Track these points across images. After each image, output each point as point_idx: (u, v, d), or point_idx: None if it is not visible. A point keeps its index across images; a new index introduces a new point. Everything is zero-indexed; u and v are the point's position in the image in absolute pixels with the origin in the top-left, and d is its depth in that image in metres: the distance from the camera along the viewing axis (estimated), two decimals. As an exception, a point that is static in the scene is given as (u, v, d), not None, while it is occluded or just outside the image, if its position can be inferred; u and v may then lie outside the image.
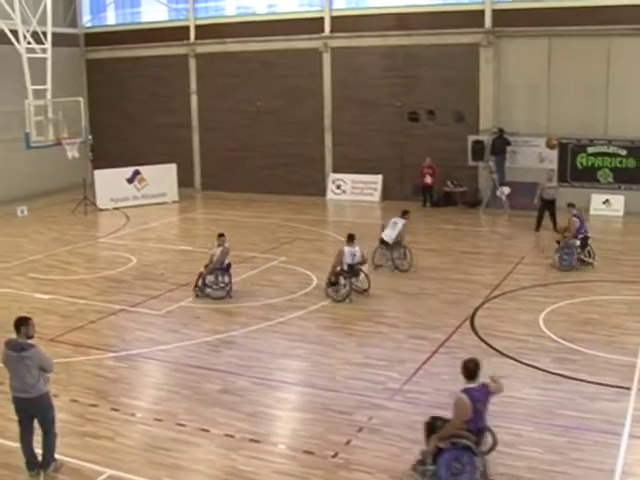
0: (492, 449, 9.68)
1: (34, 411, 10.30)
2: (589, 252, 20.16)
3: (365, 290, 18.10)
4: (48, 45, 28.78)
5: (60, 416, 11.93)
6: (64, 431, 11.43)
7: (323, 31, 31.46)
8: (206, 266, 18.32)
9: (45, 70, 28.66)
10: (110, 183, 30.93)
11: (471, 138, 28.95)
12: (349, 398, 12.38)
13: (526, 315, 16.37)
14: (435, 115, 30.05)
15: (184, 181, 33.02)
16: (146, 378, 14.03)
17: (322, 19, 31.45)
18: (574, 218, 20.18)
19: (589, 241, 20.24)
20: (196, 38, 34.33)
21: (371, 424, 11.45)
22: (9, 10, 27.57)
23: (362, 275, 18.19)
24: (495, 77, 28.70)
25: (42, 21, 28.85)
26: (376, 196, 30.75)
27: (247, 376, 13.45)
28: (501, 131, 28.29)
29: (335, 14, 31.34)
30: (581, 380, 12.84)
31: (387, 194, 30.79)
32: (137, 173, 31.66)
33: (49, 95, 28.59)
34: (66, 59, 34.48)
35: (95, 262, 22.45)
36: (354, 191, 31.28)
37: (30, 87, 27.84)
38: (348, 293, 17.68)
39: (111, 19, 36.94)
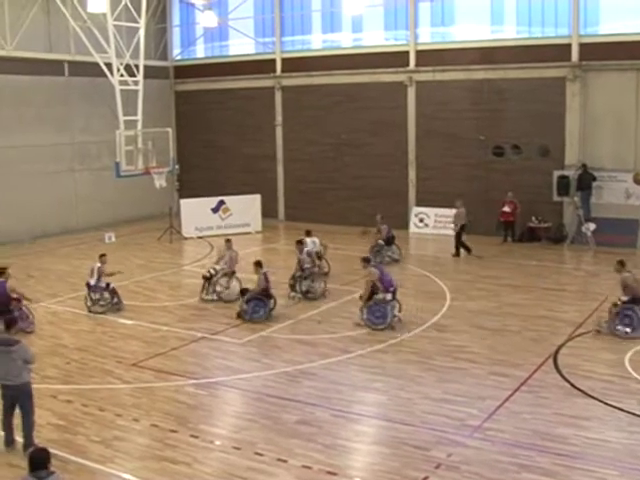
0: None
1: (16, 397, 11.67)
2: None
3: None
4: (140, 77, 29.62)
5: (140, 440, 12.21)
6: (144, 455, 11.65)
7: (408, 65, 31.55)
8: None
9: (136, 101, 29.51)
10: (195, 212, 31.53)
11: (556, 173, 28.48)
12: (427, 433, 12.25)
13: (611, 355, 15.95)
14: (520, 149, 29.75)
15: (268, 212, 33.44)
16: (225, 406, 14.14)
17: (407, 53, 31.55)
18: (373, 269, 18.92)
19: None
20: (282, 71, 34.85)
21: (449, 461, 11.28)
22: (104, 44, 28.51)
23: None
24: (581, 111, 28.28)
25: (135, 54, 29.75)
26: (459, 230, 30.48)
27: (325, 408, 13.44)
28: (585, 166, 27.79)
29: (420, 48, 31.41)
30: (669, 424, 12.42)
31: (470, 228, 30.48)
32: (222, 203, 32.18)
33: (139, 126, 29.39)
34: (156, 91, 35.44)
35: (178, 290, 22.83)
36: (437, 225, 31.07)
37: (122, 118, 28.66)
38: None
39: (200, 52, 37.84)
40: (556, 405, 13.28)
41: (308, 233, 23.95)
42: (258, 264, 19.58)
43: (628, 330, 17.04)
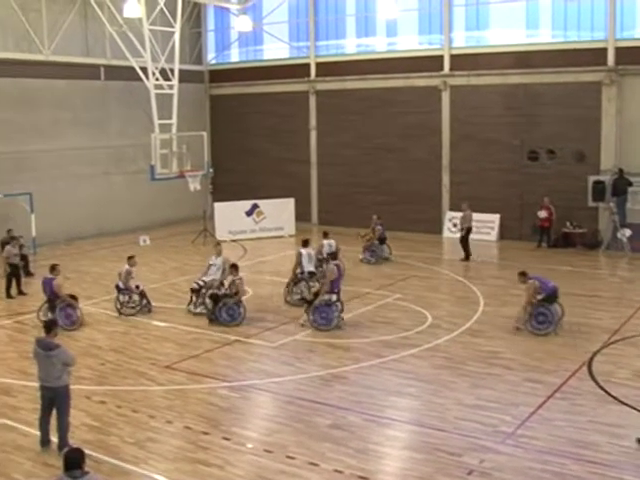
0: None
1: (54, 399, 11.83)
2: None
3: None
4: (175, 81, 29.90)
5: (173, 442, 12.28)
6: (176, 456, 11.72)
7: (442, 69, 31.48)
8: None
9: (171, 105, 29.77)
10: (229, 215, 31.71)
11: (592, 178, 28.23)
12: (460, 439, 12.19)
13: (647, 362, 15.81)
14: (555, 154, 29.54)
15: (301, 215, 33.52)
16: (258, 409, 14.18)
17: (441, 57, 31.49)
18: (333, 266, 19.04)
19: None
20: (317, 75, 34.94)
21: (482, 467, 11.21)
22: (140, 48, 28.79)
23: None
24: (617, 116, 28.01)
25: (170, 59, 30.02)
26: (493, 235, 30.29)
27: (358, 412, 13.43)
28: (621, 171, 27.52)
29: (455, 52, 31.32)
30: None
31: (505, 233, 30.38)
32: (255, 206, 32.33)
33: (174, 129, 29.65)
34: (191, 95, 35.68)
35: (212, 293, 22.91)
36: (470, 230, 30.92)
37: (157, 121, 28.94)
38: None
39: (235, 57, 38.05)
40: (590, 412, 13.15)
41: (325, 235, 24.17)
42: (234, 267, 19.43)
43: (542, 327, 17.69)
